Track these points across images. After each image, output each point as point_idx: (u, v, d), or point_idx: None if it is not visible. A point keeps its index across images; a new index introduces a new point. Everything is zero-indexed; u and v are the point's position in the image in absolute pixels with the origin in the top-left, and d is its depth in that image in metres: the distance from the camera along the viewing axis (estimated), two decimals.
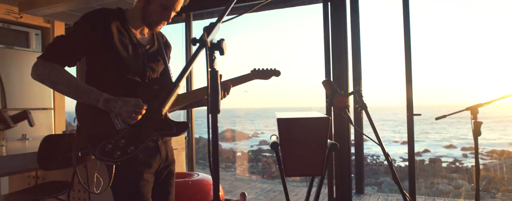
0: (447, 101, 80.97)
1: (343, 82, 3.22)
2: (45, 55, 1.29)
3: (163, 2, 1.39)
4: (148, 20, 1.43)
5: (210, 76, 0.88)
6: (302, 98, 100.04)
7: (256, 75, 1.61)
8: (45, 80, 1.27)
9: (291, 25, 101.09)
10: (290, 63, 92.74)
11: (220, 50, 0.88)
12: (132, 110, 1.28)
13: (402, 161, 17.47)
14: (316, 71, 55.90)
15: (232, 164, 17.84)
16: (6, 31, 3.19)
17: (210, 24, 0.92)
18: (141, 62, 1.44)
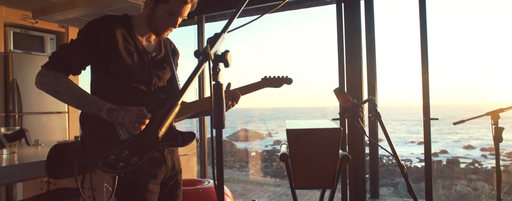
0: (465, 100, 78.97)
1: (357, 84, 3.15)
2: (49, 64, 1.28)
3: (169, 7, 1.36)
4: (155, 27, 1.41)
5: (214, 89, 0.85)
6: (317, 97, 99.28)
7: (267, 83, 1.56)
8: (48, 89, 1.26)
9: (306, 25, 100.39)
10: (304, 63, 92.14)
11: (224, 62, 0.84)
12: (135, 120, 1.26)
13: (419, 161, 17.11)
14: (331, 71, 55.68)
15: (246, 164, 17.82)
16: (23, 36, 3.24)
17: (215, 34, 0.89)
18: (146, 70, 1.41)
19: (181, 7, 1.37)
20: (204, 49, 0.82)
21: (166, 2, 1.35)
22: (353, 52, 3.17)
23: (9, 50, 3.12)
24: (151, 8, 1.38)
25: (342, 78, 3.23)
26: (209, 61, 0.80)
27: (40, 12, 2.38)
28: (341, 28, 3.23)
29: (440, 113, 3.33)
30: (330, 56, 50.34)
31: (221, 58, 0.84)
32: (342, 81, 3.21)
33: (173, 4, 1.35)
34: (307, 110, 48.62)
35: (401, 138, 27.25)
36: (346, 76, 3.20)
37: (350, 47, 3.18)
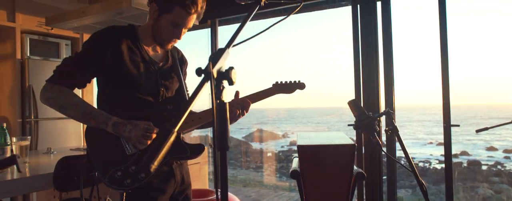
0: (486, 100, 76.51)
1: (374, 85, 3.05)
2: (53, 78, 1.26)
3: (173, 18, 1.32)
4: (159, 38, 1.37)
5: (216, 109, 0.80)
6: (333, 98, 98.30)
7: (279, 89, 1.50)
8: (53, 104, 1.24)
9: (321, 27, 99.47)
10: (319, 64, 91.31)
11: (228, 80, 0.79)
12: (141, 134, 1.22)
13: (438, 163, 16.68)
14: (347, 72, 54.72)
15: (262, 165, 17.78)
16: (39, 43, 3.29)
17: (218, 50, 0.84)
18: (153, 80, 1.38)
19: (185, 18, 1.33)
20: (206, 66, 0.78)
21: (170, 13, 1.31)
22: (369, 54, 3.08)
23: (25, 57, 3.17)
24: (155, 19, 1.35)
25: (357, 81, 3.14)
26: (211, 80, 0.75)
27: (53, 19, 2.39)
28: (357, 30, 3.14)
29: (461, 113, 3.18)
30: (345, 57, 49.78)
31: (225, 76, 0.79)
32: (357, 83, 3.12)
33: (177, 14, 1.31)
34: (322, 111, 48.19)
35: (420, 139, 26.63)
36: (362, 78, 3.11)
37: (366, 48, 3.09)
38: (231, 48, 0.88)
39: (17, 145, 1.75)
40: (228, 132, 0.83)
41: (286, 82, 1.49)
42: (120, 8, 2.08)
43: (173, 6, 1.30)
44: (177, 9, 1.30)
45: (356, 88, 3.14)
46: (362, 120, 1.23)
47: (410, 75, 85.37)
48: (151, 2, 1.36)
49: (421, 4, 75.79)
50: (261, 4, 1.12)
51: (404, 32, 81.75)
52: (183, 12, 1.31)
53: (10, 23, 3.09)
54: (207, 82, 0.75)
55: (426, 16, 67.79)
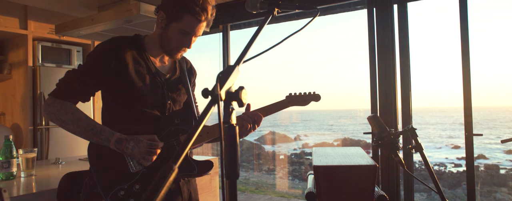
0: (506, 102, 74.50)
1: (390, 89, 2.95)
2: (55, 92, 1.21)
3: (183, 26, 1.25)
4: (167, 48, 1.31)
5: (225, 134, 0.72)
6: (346, 100, 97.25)
7: (292, 101, 1.42)
8: (55, 119, 1.19)
9: (335, 29, 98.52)
10: (332, 66, 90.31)
11: (238, 102, 0.72)
12: (145, 151, 1.16)
13: (454, 167, 16.25)
14: (360, 73, 53.96)
15: (274, 167, 17.65)
16: (51, 49, 3.28)
17: (227, 68, 0.76)
18: (160, 93, 1.31)
19: (195, 25, 1.26)
20: (213, 88, 0.70)
21: (180, 21, 1.25)
22: (386, 57, 2.98)
23: (37, 64, 3.16)
24: (163, 28, 1.28)
25: (373, 84, 3.04)
26: (219, 104, 0.67)
27: (62, 28, 2.36)
28: (372, 33, 3.04)
29: (479, 116, 3.03)
30: (358, 59, 48.87)
31: (235, 97, 0.72)
32: (373, 86, 3.02)
33: (187, 22, 1.25)
34: (336, 113, 47.64)
35: (436, 142, 26.06)
36: (378, 82, 3.00)
37: (382, 51, 2.99)
38: (242, 65, 0.81)
39: (23, 158, 1.72)
40: (238, 159, 0.75)
41: (300, 94, 1.42)
42: (129, 16, 2.03)
43: (182, 13, 1.24)
44: (186, 17, 1.24)
45: (372, 92, 3.04)
46: (383, 137, 1.14)
47: (425, 77, 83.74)
48: (159, 10, 1.30)
49: (437, 6, 74.37)
50: (274, 14, 1.05)
51: (419, 34, 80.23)
52: (192, 19, 1.25)
53: (23, 30, 3.09)
54: (214, 105, 0.67)
55: (443, 18, 66.00)
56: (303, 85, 42.94)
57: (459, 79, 2.71)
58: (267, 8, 1.08)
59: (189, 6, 1.24)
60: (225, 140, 0.72)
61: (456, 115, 37.36)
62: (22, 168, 1.72)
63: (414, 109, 3.04)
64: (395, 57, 3.00)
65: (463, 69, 2.66)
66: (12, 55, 3.27)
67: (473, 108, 2.68)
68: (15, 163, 1.68)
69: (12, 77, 3.23)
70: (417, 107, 52.33)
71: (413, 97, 3.07)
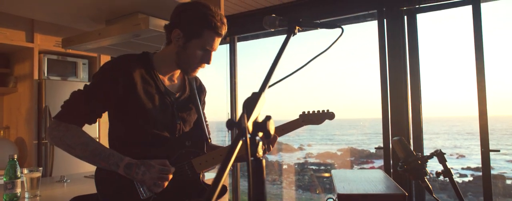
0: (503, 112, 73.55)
1: (402, 99, 2.88)
2: (60, 115, 1.15)
3: (203, 43, 1.21)
4: (186, 65, 1.26)
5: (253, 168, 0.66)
6: (352, 109, 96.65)
7: (307, 120, 1.38)
8: (60, 144, 1.13)
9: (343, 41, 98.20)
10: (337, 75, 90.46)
11: (265, 133, 0.65)
12: (157, 177, 1.09)
13: (459, 177, 16.01)
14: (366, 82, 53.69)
15: (278, 177, 17.48)
16: (57, 62, 3.25)
17: (253, 95, 0.70)
18: (169, 113, 1.26)
19: (214, 40, 1.23)
20: (239, 119, 0.64)
21: (200, 37, 1.20)
22: (397, 68, 2.93)
23: (43, 77, 3.13)
24: (181, 46, 1.23)
25: (384, 94, 2.98)
26: (246, 137, 0.61)
27: (69, 42, 2.32)
28: (383, 44, 3.00)
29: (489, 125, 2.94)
30: (363, 69, 48.44)
31: (261, 127, 0.65)
32: (384, 96, 2.96)
33: (207, 38, 1.21)
34: (342, 123, 47.37)
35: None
36: (389, 93, 2.95)
37: (393, 63, 2.94)
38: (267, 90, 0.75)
39: (28, 177, 1.65)
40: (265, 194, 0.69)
41: (314, 112, 1.37)
42: (137, 30, 1.99)
43: (202, 30, 1.20)
44: (206, 33, 1.20)
45: (383, 103, 2.98)
46: (410, 162, 1.07)
47: (432, 87, 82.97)
48: (174, 28, 1.24)
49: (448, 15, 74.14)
50: (295, 32, 0.99)
51: (429, 43, 79.68)
52: (213, 34, 1.21)
53: (29, 43, 3.06)
54: (241, 139, 0.61)
55: (454, 27, 65.26)
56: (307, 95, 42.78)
57: (465, 88, 2.64)
58: (287, 26, 1.03)
59: (209, 21, 1.20)
60: (252, 175, 0.66)
61: (459, 124, 36.98)
62: (26, 188, 1.66)
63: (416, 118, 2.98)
64: (406, 69, 2.95)
65: (478, 85, 2.60)
66: (18, 68, 3.24)
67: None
68: (20, 183, 1.61)
69: (17, 90, 3.19)
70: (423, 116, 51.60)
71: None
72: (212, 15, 1.20)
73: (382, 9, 3.01)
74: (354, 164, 20.12)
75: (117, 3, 2.08)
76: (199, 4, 1.26)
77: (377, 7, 3.03)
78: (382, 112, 2.99)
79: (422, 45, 3.03)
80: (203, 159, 1.25)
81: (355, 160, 20.30)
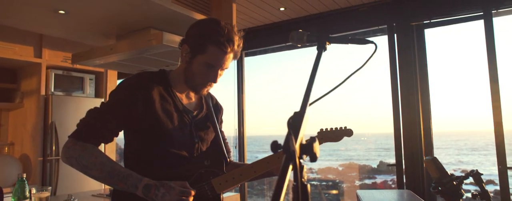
0: None
1: (414, 115, 2.83)
2: (76, 133, 1.10)
3: (208, 59, 1.16)
4: (192, 83, 1.22)
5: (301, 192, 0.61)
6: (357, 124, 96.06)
7: (325, 137, 1.33)
8: (76, 164, 1.07)
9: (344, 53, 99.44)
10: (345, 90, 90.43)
11: (311, 156, 0.60)
12: (177, 200, 1.04)
13: None
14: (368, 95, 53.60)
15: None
16: (64, 77, 3.22)
17: (296, 114, 0.65)
18: (188, 132, 1.21)
19: (220, 58, 1.17)
20: (286, 141, 0.59)
21: (204, 53, 1.16)
22: (409, 83, 2.90)
23: (50, 92, 3.09)
24: (188, 61, 1.19)
25: (396, 108, 2.93)
26: (296, 162, 0.56)
27: (79, 57, 2.29)
28: (394, 58, 2.97)
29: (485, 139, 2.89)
30: (368, 82, 48.26)
31: (307, 150, 0.60)
32: (396, 112, 2.91)
33: (212, 54, 1.16)
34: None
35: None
36: (401, 108, 2.90)
37: (405, 77, 2.91)
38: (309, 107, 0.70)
39: (36, 197, 1.59)
40: None
41: (332, 129, 1.33)
42: (149, 46, 1.97)
43: (206, 45, 1.16)
44: (210, 49, 1.16)
45: (395, 118, 2.93)
46: (445, 184, 1.02)
47: (440, 101, 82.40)
48: (183, 43, 1.22)
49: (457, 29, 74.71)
50: (325, 48, 0.95)
51: (439, 58, 79.66)
52: (218, 51, 1.16)
53: (37, 59, 3.04)
54: (290, 164, 0.56)
55: (464, 41, 64.69)
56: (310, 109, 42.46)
57: (470, 103, 2.60)
58: (316, 42, 0.99)
59: (213, 36, 1.16)
60: None
61: (463, 138, 36.65)
62: None
63: None
64: (418, 84, 2.92)
65: (493, 103, 2.56)
66: (25, 84, 3.21)
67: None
68: None
69: (23, 106, 3.15)
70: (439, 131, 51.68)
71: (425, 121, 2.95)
72: (219, 32, 1.15)
73: (392, 24, 3.00)
74: (356, 179, 19.86)
75: (130, 18, 2.06)
76: (210, 20, 1.23)
77: (387, 22, 3.02)
78: (394, 127, 2.93)
79: (434, 59, 3.01)
80: (223, 179, 1.20)
81: (357, 176, 20.05)
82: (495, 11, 2.65)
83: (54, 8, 1.91)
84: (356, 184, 17.89)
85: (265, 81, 39.44)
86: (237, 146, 3.78)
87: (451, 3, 2.78)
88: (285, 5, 3.10)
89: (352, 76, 0.92)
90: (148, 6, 1.90)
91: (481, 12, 2.69)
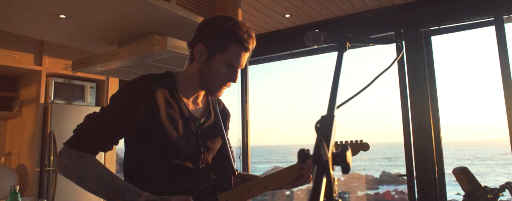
0: None
1: (427, 126, 2.74)
2: (72, 141, 1.00)
3: (228, 58, 1.09)
4: (209, 84, 1.13)
5: None
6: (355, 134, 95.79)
7: None
8: (70, 175, 0.97)
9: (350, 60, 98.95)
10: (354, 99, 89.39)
11: (344, 167, 0.51)
12: None
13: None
14: (367, 106, 53.32)
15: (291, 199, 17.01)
16: (64, 86, 3.15)
17: (324, 119, 0.57)
18: (194, 142, 1.12)
19: (240, 56, 1.10)
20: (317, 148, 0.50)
21: (224, 52, 1.08)
22: (419, 91, 2.82)
23: (49, 101, 3.01)
24: (204, 62, 1.11)
25: (406, 117, 2.84)
26: (329, 175, 0.47)
27: (79, 64, 2.22)
28: (403, 67, 2.90)
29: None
30: (373, 91, 47.83)
31: (338, 160, 0.52)
32: (406, 121, 2.82)
33: (233, 52, 1.09)
34: None
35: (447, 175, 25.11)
36: (411, 117, 2.82)
37: (414, 85, 2.84)
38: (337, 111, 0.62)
39: None
40: None
41: (347, 142, 1.25)
42: (152, 51, 1.89)
43: (227, 43, 1.09)
44: (232, 47, 1.09)
45: (405, 127, 2.84)
46: (478, 197, 0.92)
47: (451, 109, 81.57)
48: (197, 43, 1.13)
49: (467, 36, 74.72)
50: (346, 48, 0.87)
51: (445, 65, 79.21)
52: (239, 48, 1.10)
53: (37, 66, 2.97)
54: (323, 176, 0.47)
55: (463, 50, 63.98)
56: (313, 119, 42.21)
57: (475, 113, 2.51)
58: (335, 42, 0.91)
59: (235, 33, 1.09)
60: None
61: (465, 148, 36.29)
62: None
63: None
64: (428, 91, 2.84)
65: (507, 111, 2.47)
66: (24, 92, 3.13)
67: (504, 141, 2.46)
68: None
69: (22, 114, 3.07)
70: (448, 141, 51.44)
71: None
72: (239, 27, 1.10)
73: (400, 30, 2.94)
74: (358, 190, 19.60)
75: (133, 23, 2.00)
76: (225, 17, 1.16)
77: (395, 28, 2.95)
78: (404, 137, 2.84)
79: (443, 66, 2.93)
80: (230, 195, 1.10)
81: (359, 186, 19.80)
82: (507, 16, 2.58)
83: (55, 12, 1.85)
84: (358, 194, 17.66)
85: (268, 90, 39.12)
86: (241, 156, 3.68)
87: (460, 9, 2.72)
88: (290, 12, 3.04)
89: (355, 86, 0.84)
90: (152, 10, 1.83)
91: (492, 18, 2.62)
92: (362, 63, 64.50)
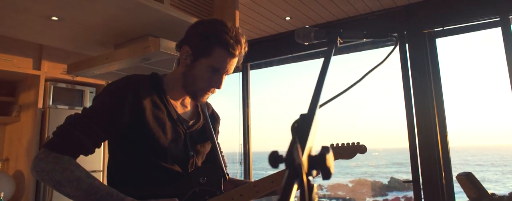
0: None
1: (432, 131, 2.66)
2: (51, 143, 0.94)
3: (212, 62, 1.04)
4: (192, 88, 1.08)
5: None
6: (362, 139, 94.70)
7: (337, 154, 1.20)
8: (47, 179, 0.91)
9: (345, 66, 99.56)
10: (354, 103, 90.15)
11: (324, 172, 0.45)
12: None
13: None
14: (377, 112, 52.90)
15: None
16: (63, 90, 3.13)
17: (303, 117, 0.51)
18: (182, 145, 1.07)
19: (226, 61, 1.04)
20: (289, 151, 0.44)
21: (209, 56, 1.03)
22: (424, 94, 2.73)
23: (47, 106, 2.98)
24: (189, 65, 1.06)
25: (411, 122, 2.76)
26: (302, 181, 0.41)
27: (74, 67, 2.19)
28: (406, 68, 2.82)
29: None
30: (378, 95, 47.15)
31: (319, 164, 0.45)
32: (411, 125, 2.74)
33: (218, 57, 1.03)
34: None
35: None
36: (415, 120, 2.73)
37: (418, 88, 2.76)
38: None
39: None
40: None
41: (343, 145, 1.20)
42: (147, 54, 1.85)
43: (212, 47, 1.04)
44: (217, 51, 1.04)
45: (410, 132, 2.75)
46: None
47: (458, 112, 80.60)
48: (183, 45, 1.09)
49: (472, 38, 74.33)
50: (338, 45, 0.81)
51: (450, 69, 78.41)
52: (224, 53, 1.04)
53: (36, 71, 2.95)
54: (296, 181, 0.41)
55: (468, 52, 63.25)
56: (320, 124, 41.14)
57: (474, 117, 2.43)
58: (325, 38, 0.86)
59: (220, 37, 1.04)
60: None
61: (467, 154, 35.67)
62: None
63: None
64: (433, 94, 2.76)
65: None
66: (23, 97, 3.11)
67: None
68: None
69: (20, 119, 3.04)
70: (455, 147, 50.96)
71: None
72: (226, 32, 1.05)
73: (403, 32, 2.87)
74: (367, 196, 19.33)
75: (127, 25, 1.96)
76: (215, 20, 1.11)
77: (398, 31, 2.88)
78: (409, 142, 2.76)
79: (448, 68, 2.86)
80: (220, 200, 1.05)
81: (366, 192, 19.54)
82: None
83: (47, 14, 1.81)
84: None
85: (269, 94, 38.86)
86: (243, 162, 3.62)
87: (465, 9, 2.64)
88: (291, 15, 2.99)
89: (361, 89, 0.78)
90: (145, 12, 1.79)
91: (497, 18, 2.54)
92: (362, 67, 64.64)
